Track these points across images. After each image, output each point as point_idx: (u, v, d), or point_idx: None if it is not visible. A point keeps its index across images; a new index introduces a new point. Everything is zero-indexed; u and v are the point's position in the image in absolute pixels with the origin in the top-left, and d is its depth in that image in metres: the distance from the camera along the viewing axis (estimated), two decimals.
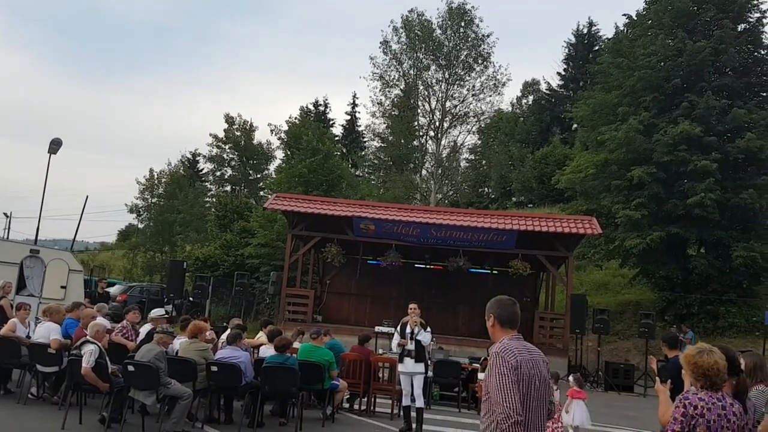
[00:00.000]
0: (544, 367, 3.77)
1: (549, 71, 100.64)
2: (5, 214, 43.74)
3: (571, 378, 10.35)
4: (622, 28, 29.32)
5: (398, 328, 9.84)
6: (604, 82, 26.61)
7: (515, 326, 3.95)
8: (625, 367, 18.89)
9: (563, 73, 51.77)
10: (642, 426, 12.02)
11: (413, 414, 9.50)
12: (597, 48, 48.03)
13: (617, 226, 23.60)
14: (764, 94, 24.57)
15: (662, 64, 23.87)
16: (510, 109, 50.04)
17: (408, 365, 9.47)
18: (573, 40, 51.80)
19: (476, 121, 39.61)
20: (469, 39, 37.90)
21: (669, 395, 4.84)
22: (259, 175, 57.90)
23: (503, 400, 3.48)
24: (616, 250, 24.23)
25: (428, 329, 9.60)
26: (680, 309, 22.93)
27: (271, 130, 47.89)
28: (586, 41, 51.14)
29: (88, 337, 8.08)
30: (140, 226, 45.74)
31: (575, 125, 40.72)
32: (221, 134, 57.53)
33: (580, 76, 48.72)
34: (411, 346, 9.45)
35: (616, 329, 23.25)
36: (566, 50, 51.96)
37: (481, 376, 9.35)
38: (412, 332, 9.50)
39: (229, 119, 57.57)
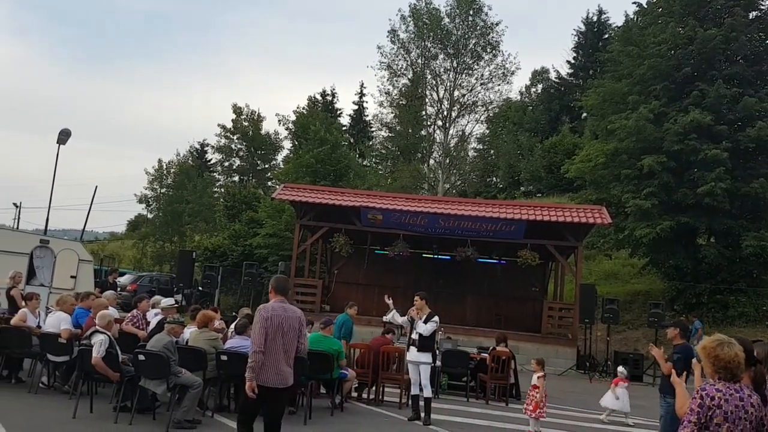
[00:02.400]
0: (296, 321, 5.80)
1: (558, 60, 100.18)
2: (15, 204, 44.07)
3: (620, 368, 11.88)
4: (632, 16, 29.00)
5: (408, 317, 9.87)
6: (614, 71, 26.39)
7: (283, 293, 5.96)
8: (635, 356, 18.86)
9: (573, 61, 51.44)
10: (652, 415, 11.95)
11: (421, 403, 9.52)
12: (607, 36, 47.65)
13: (627, 216, 23.48)
14: None
15: (673, 52, 23.65)
16: (519, 98, 49.82)
17: (412, 354, 9.51)
18: (583, 28, 51.44)
19: (485, 110, 39.46)
20: (478, 27, 37.67)
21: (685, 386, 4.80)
22: (267, 166, 57.99)
23: (254, 337, 5.67)
24: (626, 239, 24.12)
25: (434, 318, 9.61)
26: (690, 298, 22.85)
27: (279, 120, 47.90)
28: (595, 29, 50.74)
29: (97, 326, 8.12)
30: (149, 216, 45.96)
31: (585, 114, 40.49)
32: (229, 124, 57.61)
33: (589, 65, 48.37)
34: (415, 335, 9.49)
35: (626, 319, 23.19)
36: (576, 38, 51.66)
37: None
38: (412, 321, 9.58)
39: (237, 109, 57.64)
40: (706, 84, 22.51)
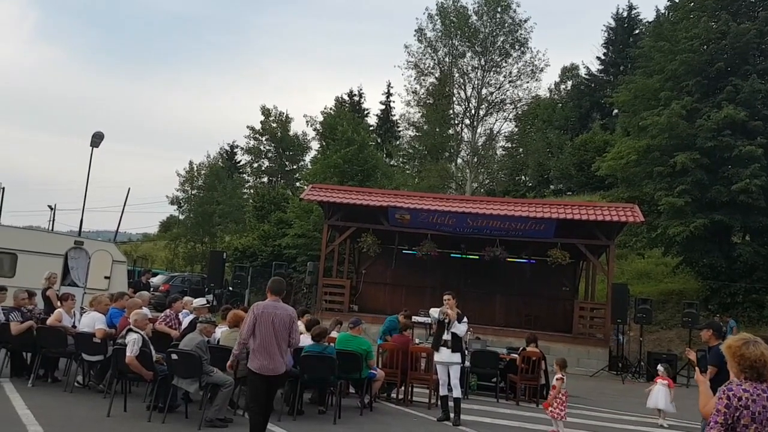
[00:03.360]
0: (287, 317, 6.52)
1: (588, 56, 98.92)
2: (49, 206, 44.94)
3: (660, 367, 11.59)
4: (663, 11, 28.59)
5: (437, 316, 9.81)
6: (645, 67, 26.01)
7: (278, 294, 6.70)
8: (668, 357, 18.54)
9: (603, 57, 50.70)
10: (684, 417, 11.77)
11: (450, 404, 9.48)
12: (637, 32, 46.89)
13: (660, 214, 23.13)
14: None
15: (705, 47, 23.24)
16: (548, 95, 49.23)
17: (444, 355, 9.46)
18: (613, 23, 50.68)
19: (513, 108, 39.15)
20: (506, 24, 37.39)
21: (710, 386, 4.73)
22: (295, 166, 58.32)
23: (242, 330, 6.58)
24: (659, 238, 23.75)
25: (464, 319, 9.56)
26: (724, 298, 22.42)
27: (307, 121, 48.22)
28: (626, 25, 49.95)
29: (132, 326, 8.26)
30: (181, 217, 46.62)
31: (616, 111, 39.91)
32: (258, 126, 58.10)
33: (620, 61, 47.64)
34: (447, 336, 9.44)
35: (659, 319, 22.83)
36: (606, 34, 50.87)
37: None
38: (447, 322, 9.50)
39: (265, 111, 58.07)
40: (739, 79, 22.09)
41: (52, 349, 9.51)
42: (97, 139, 24.59)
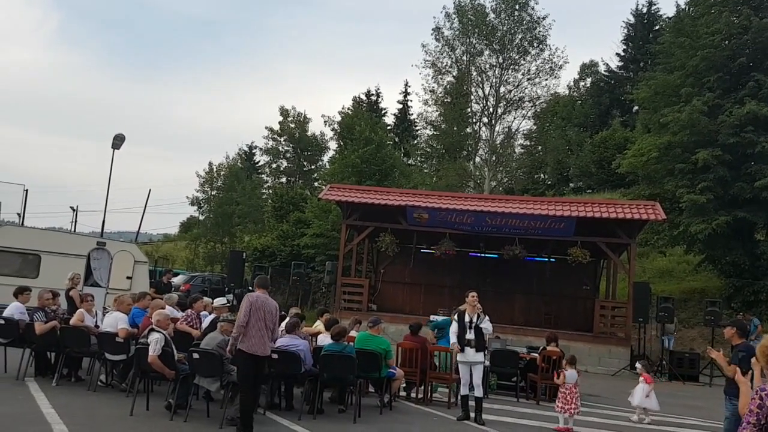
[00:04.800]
0: (274, 308, 7.60)
1: (608, 52, 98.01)
2: (72, 208, 45.51)
3: (638, 365, 11.34)
4: (683, 7, 28.18)
5: (455, 316, 9.79)
6: (666, 63, 25.72)
7: (264, 288, 7.74)
8: (690, 356, 18.35)
9: (622, 54, 50.19)
10: (708, 416, 11.64)
11: (472, 403, 9.46)
12: (657, 27, 46.32)
13: (681, 211, 22.84)
14: None
15: (727, 42, 22.92)
16: (567, 92, 48.89)
17: (468, 355, 9.42)
18: (632, 19, 50.13)
19: (531, 106, 38.99)
20: (524, 22, 37.22)
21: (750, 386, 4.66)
22: (313, 167, 58.52)
23: (239, 315, 7.35)
24: (681, 235, 23.47)
25: (487, 317, 9.55)
26: (748, 296, 22.10)
27: (325, 122, 48.32)
28: (645, 21, 49.39)
29: (154, 325, 8.34)
30: (201, 217, 47.01)
31: (636, 107, 39.54)
32: (276, 127, 58.38)
33: (640, 57, 47.12)
34: (471, 335, 9.41)
35: (681, 317, 22.57)
36: (625, 30, 50.34)
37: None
38: (471, 321, 9.46)
39: (283, 111, 58.36)
40: (762, 74, 21.80)
41: (75, 349, 9.63)
42: (118, 142, 24.86)
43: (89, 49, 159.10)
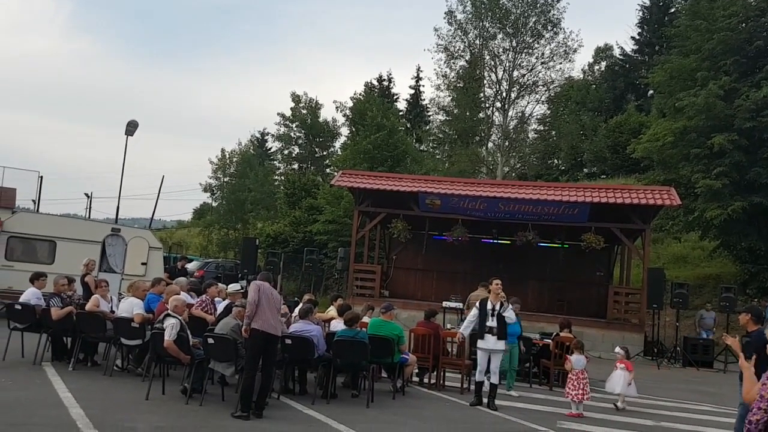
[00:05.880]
0: (278, 298, 8.10)
1: (622, 36, 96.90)
2: (86, 194, 45.79)
3: (618, 350, 10.81)
4: None
5: (477, 304, 9.78)
6: (682, 46, 25.36)
7: (269, 281, 8.01)
8: (704, 342, 18.25)
9: (637, 37, 49.55)
10: (721, 402, 11.59)
11: (485, 389, 9.48)
12: (673, 10, 45.64)
13: (697, 197, 22.63)
14: None
15: (744, 25, 22.59)
16: (581, 76, 48.32)
17: (489, 342, 9.43)
18: (647, 2, 49.40)
19: (545, 90, 38.57)
20: (538, 5, 36.73)
21: (754, 372, 4.64)
22: (325, 153, 58.48)
23: (249, 296, 7.71)
24: (696, 221, 23.28)
25: (509, 306, 9.60)
26: (763, 282, 21.95)
27: (337, 107, 48.14)
28: (661, 3, 48.65)
29: (169, 311, 8.41)
30: (214, 204, 47.22)
31: (651, 91, 39.04)
32: (288, 113, 58.34)
33: (655, 41, 46.50)
34: (493, 322, 9.41)
35: (696, 303, 22.41)
36: (640, 13, 49.63)
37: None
38: (493, 308, 9.46)
39: (295, 98, 58.24)
40: None
41: (91, 334, 9.73)
42: (131, 128, 24.98)
43: (104, 37, 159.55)
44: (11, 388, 8.03)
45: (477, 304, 9.76)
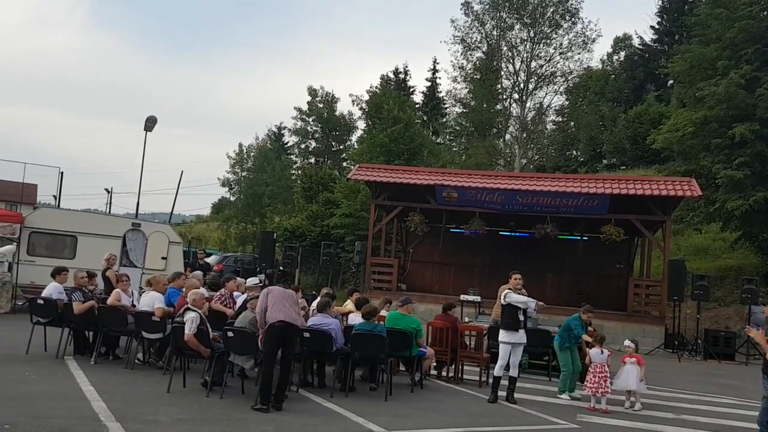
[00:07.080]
0: (292, 294, 8.06)
1: (641, 25, 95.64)
2: (106, 189, 46.35)
3: (627, 343, 10.38)
4: None
5: (523, 291, 9.75)
6: (702, 35, 24.96)
7: (278, 283, 8.23)
8: (726, 334, 18.08)
9: (657, 26, 48.89)
10: (744, 395, 11.46)
11: (504, 382, 9.46)
12: None
13: (718, 187, 22.31)
14: None
15: (765, 13, 22.26)
16: (600, 66, 47.84)
17: (519, 335, 9.39)
18: None
19: (564, 81, 38.28)
20: None
21: None
22: (341, 147, 58.47)
23: (257, 307, 7.86)
24: (717, 212, 22.94)
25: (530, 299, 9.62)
26: None
27: (353, 101, 48.08)
28: None
29: (189, 304, 8.47)
30: (232, 198, 47.43)
31: (671, 81, 38.54)
32: (305, 107, 58.38)
33: (675, 30, 45.87)
34: (521, 316, 9.40)
35: (717, 295, 22.18)
36: (660, 2, 48.95)
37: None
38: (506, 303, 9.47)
39: (312, 91, 58.24)
40: None
41: (113, 328, 9.84)
42: (150, 123, 25.16)
43: (123, 32, 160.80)
44: (34, 381, 8.14)
45: (523, 290, 9.68)
